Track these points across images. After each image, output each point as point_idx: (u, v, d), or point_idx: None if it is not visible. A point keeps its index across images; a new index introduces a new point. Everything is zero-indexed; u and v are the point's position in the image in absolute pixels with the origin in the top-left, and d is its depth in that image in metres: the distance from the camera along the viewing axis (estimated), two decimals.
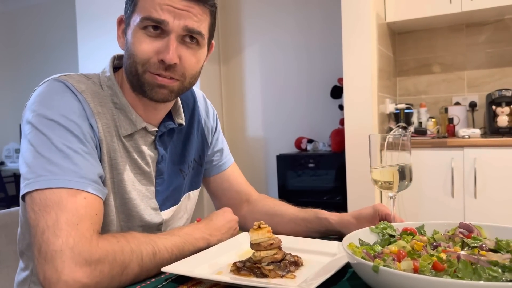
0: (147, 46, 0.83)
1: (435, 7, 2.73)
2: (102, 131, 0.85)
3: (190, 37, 0.85)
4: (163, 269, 0.75)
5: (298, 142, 3.41)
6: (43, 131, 0.78)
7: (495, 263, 0.60)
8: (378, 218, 0.95)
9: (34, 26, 5.18)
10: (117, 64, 0.95)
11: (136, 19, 0.84)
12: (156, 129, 0.95)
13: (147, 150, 0.93)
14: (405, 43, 3.22)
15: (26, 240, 0.93)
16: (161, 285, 0.73)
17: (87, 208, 0.75)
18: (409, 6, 2.79)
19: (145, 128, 0.92)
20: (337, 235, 1.00)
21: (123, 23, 0.90)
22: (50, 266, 0.69)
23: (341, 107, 3.24)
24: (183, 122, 1.00)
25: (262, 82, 3.73)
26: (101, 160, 0.85)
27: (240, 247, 0.90)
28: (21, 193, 0.77)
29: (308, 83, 3.54)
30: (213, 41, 0.96)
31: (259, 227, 0.78)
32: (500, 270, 0.57)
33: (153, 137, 0.95)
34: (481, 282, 0.54)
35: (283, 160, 3.25)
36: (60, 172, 0.75)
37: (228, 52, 3.82)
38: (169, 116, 0.99)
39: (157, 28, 0.83)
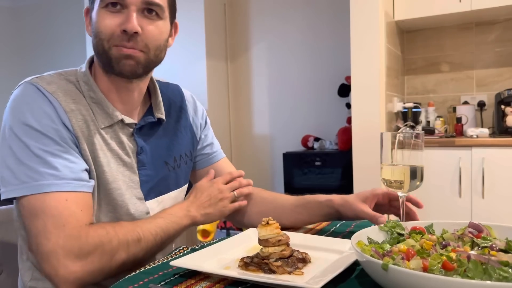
0: (109, 21, 0.87)
1: (444, 5, 2.71)
2: (77, 127, 0.87)
3: (148, 10, 0.89)
4: (172, 263, 0.75)
5: (304, 140, 3.40)
6: (20, 137, 0.83)
7: (506, 263, 0.59)
8: (379, 197, 0.97)
9: (42, 22, 5.20)
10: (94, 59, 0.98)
11: (97, 1, 0.88)
12: (134, 121, 0.97)
13: (127, 141, 0.96)
14: (414, 41, 3.20)
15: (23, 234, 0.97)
16: (169, 279, 0.73)
17: (70, 208, 0.81)
18: (418, 4, 2.77)
19: (122, 121, 0.95)
20: (338, 219, 1.03)
21: (88, 12, 0.94)
22: (47, 265, 0.79)
23: (348, 106, 3.23)
24: (163, 117, 1.03)
25: (269, 79, 3.72)
26: (81, 156, 0.88)
27: (248, 242, 0.90)
28: (3, 197, 0.83)
29: (315, 81, 3.53)
30: (177, 22, 1.00)
31: (267, 223, 0.78)
32: (511, 271, 0.57)
33: (131, 129, 0.97)
34: (492, 282, 0.54)
35: (289, 158, 3.24)
36: (40, 178, 0.81)
37: (235, 49, 3.81)
38: (150, 112, 1.02)
39: (116, 4, 0.87)
